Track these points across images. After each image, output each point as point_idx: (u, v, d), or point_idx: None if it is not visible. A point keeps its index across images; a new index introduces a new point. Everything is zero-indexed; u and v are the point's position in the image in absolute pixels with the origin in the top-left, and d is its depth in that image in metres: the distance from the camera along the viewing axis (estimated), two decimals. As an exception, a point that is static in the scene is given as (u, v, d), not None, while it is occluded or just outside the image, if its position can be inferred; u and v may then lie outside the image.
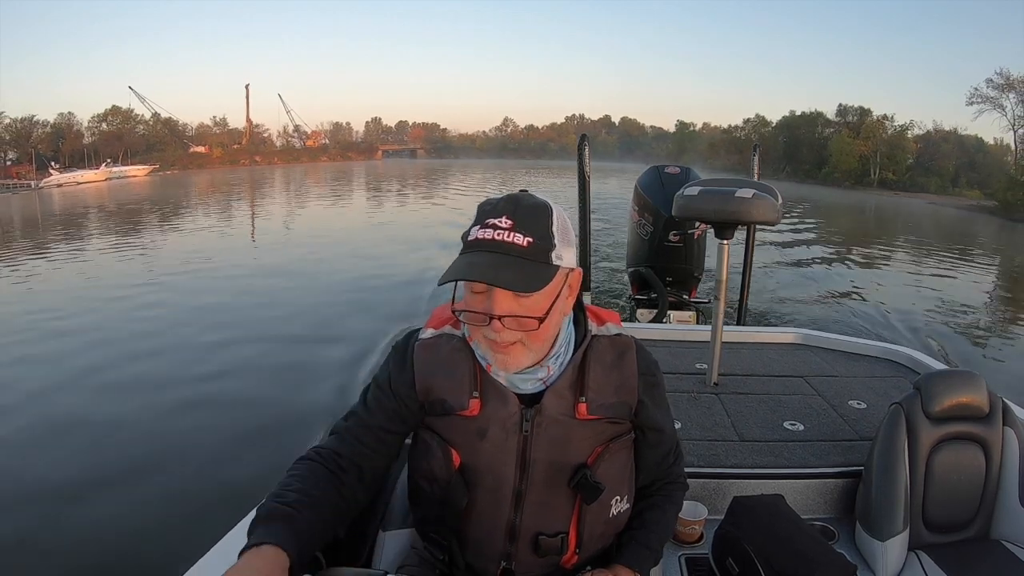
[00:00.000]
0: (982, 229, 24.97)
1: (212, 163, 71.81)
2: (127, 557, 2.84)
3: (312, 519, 0.86)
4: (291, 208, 23.85)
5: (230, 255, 11.72)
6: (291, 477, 0.91)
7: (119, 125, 66.45)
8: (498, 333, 0.86)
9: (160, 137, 70.17)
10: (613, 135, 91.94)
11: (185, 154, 70.82)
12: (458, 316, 0.91)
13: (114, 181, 48.53)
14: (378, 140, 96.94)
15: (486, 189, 29.17)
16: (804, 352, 2.61)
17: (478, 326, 0.88)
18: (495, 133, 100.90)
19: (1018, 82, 40.38)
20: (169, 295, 8.30)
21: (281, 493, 0.87)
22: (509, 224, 0.85)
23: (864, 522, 1.48)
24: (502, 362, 0.90)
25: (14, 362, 5.66)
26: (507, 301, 0.86)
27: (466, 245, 0.88)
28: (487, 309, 0.86)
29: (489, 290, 0.86)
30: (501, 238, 0.85)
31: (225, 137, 79.39)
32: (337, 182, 40.52)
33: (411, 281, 8.52)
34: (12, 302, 8.23)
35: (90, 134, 64.58)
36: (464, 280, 0.86)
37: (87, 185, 44.75)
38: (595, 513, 0.97)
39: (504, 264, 0.84)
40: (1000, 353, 6.67)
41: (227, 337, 6.22)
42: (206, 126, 78.95)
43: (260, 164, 75.99)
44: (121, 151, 60.78)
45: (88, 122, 65.29)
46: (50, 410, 4.50)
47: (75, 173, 50.14)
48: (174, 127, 73.69)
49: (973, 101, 42.46)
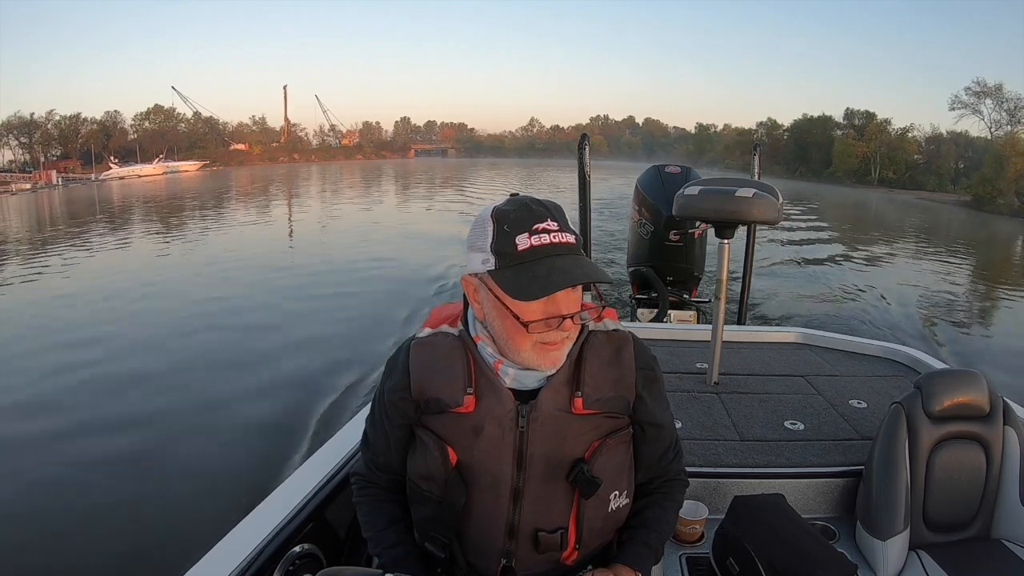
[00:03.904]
0: (942, 218, 28.34)
1: (252, 160, 74.86)
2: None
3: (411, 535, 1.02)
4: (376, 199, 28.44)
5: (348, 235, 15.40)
6: (369, 516, 1.04)
7: (161, 123, 69.77)
8: (568, 331, 0.90)
9: (201, 135, 73.20)
10: (637, 136, 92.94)
11: (226, 151, 73.75)
12: (527, 328, 0.89)
13: (169, 175, 52.27)
14: (408, 139, 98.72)
15: (527, 184, 33.91)
16: (805, 351, 2.61)
17: (544, 331, 0.89)
18: (521, 133, 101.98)
19: (993, 90, 44.78)
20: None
21: (381, 537, 1.01)
22: (556, 226, 0.88)
23: (865, 521, 1.48)
24: (553, 359, 0.91)
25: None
26: (569, 297, 0.88)
27: (519, 255, 0.86)
28: (560, 310, 0.88)
29: (560, 292, 0.87)
30: (559, 240, 0.87)
31: (263, 135, 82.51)
32: (403, 179, 44.19)
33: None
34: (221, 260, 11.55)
35: (133, 131, 68.11)
36: (573, 286, 0.87)
37: (147, 178, 48.45)
38: (594, 508, 0.97)
39: (579, 264, 0.87)
40: (1001, 352, 6.68)
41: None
42: (245, 124, 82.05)
43: (298, 161, 78.94)
44: (164, 148, 63.72)
45: (132, 120, 68.87)
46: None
47: (134, 167, 54.12)
48: (214, 125, 76.57)
49: (955, 107, 46.55)
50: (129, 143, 65.52)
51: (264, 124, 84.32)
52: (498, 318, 0.91)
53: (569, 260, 0.86)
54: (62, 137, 61.87)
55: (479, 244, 0.89)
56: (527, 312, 0.87)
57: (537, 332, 0.88)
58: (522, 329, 0.88)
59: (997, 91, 44.66)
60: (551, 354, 0.91)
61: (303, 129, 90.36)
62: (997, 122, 44.94)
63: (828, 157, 53.60)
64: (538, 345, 0.90)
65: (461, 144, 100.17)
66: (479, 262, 0.89)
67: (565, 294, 0.88)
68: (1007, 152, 35.00)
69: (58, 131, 61.94)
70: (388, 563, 0.97)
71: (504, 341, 0.92)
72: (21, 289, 9.63)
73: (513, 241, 0.86)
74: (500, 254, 0.87)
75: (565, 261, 0.86)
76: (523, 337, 0.89)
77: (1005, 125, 43.88)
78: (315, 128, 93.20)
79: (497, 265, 0.87)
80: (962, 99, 45.84)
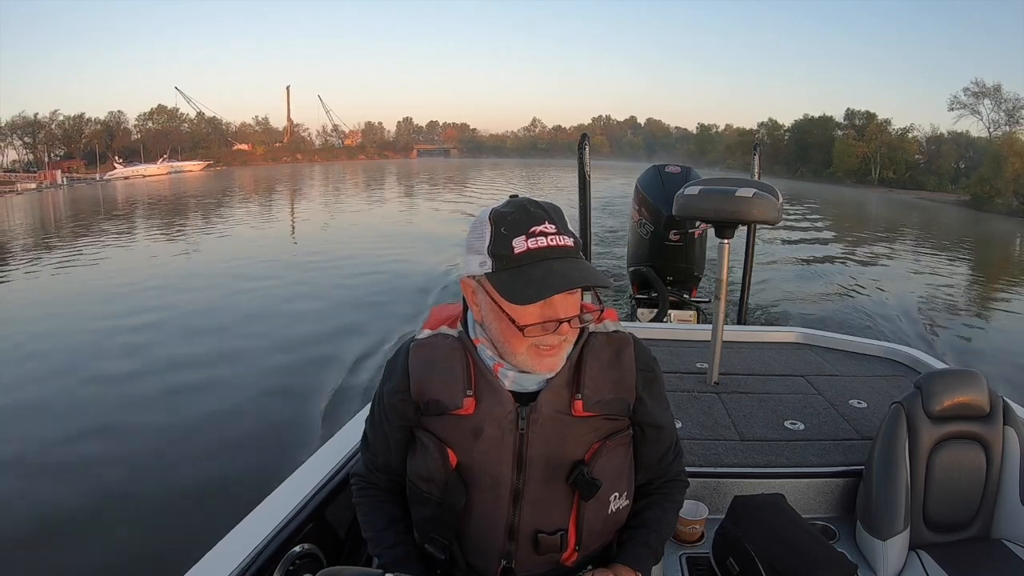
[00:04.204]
0: (937, 217, 28.95)
1: (255, 160, 75.23)
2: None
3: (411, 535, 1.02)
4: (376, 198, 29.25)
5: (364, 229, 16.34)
6: (369, 516, 1.04)
7: (165, 123, 70.20)
8: (565, 335, 0.89)
9: (204, 135, 73.72)
10: (639, 136, 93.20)
11: (229, 151, 74.23)
12: (523, 332, 0.88)
13: (174, 175, 52.95)
14: (411, 139, 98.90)
15: (528, 183, 34.26)
16: (805, 351, 2.61)
17: (544, 334, 0.88)
18: (523, 133, 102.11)
19: (991, 90, 45.64)
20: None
21: (380, 537, 1.01)
22: (554, 228, 0.87)
23: (865, 521, 1.48)
24: (550, 364, 0.91)
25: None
26: (566, 301, 0.88)
27: (516, 258, 0.86)
28: (557, 314, 0.87)
29: (557, 296, 0.86)
30: (556, 243, 0.86)
31: (266, 135, 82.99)
32: (405, 178, 45.18)
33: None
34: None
35: (137, 132, 68.67)
36: (569, 290, 0.86)
37: (152, 178, 49.11)
38: (594, 510, 0.97)
39: (577, 267, 0.86)
40: (1000, 351, 6.68)
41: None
42: (248, 125, 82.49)
43: (301, 161, 79.40)
44: (168, 148, 64.22)
45: (135, 120, 69.30)
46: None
47: (139, 167, 54.79)
48: (217, 125, 77.01)
49: (953, 107, 47.33)
50: (132, 143, 66.01)
51: (267, 124, 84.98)
52: (495, 321, 0.90)
53: (567, 264, 0.86)
54: (65, 137, 62.41)
55: (477, 246, 0.89)
56: (523, 316, 0.87)
57: (533, 336, 0.88)
58: (518, 332, 0.87)
59: (995, 92, 45.37)
60: (547, 359, 0.90)
61: (306, 129, 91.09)
62: (995, 122, 45.67)
63: (828, 157, 53.91)
64: (534, 348, 0.89)
65: (463, 144, 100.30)
66: (476, 264, 0.89)
67: (562, 298, 0.87)
68: (1004, 152, 35.41)
69: (62, 131, 62.48)
70: (388, 563, 0.97)
71: (501, 344, 0.91)
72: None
73: (510, 244, 0.85)
74: (497, 257, 0.86)
75: (562, 264, 0.85)
76: (519, 340, 0.88)
77: (1003, 125, 44.54)
78: (318, 128, 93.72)
79: (494, 268, 0.87)
80: (961, 100, 46.55)
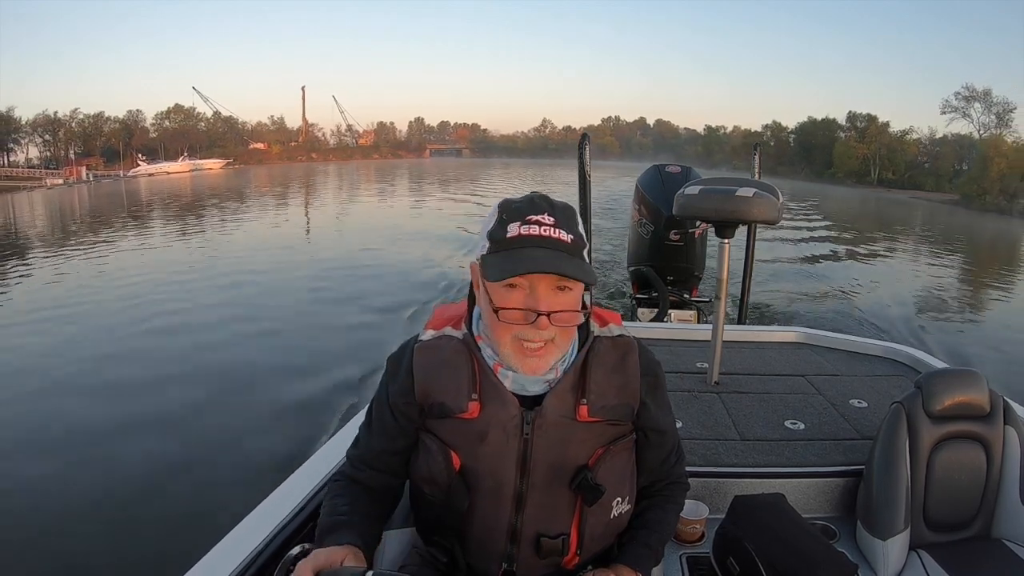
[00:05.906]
0: (926, 214, 30.25)
1: (271, 159, 76.36)
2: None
3: (362, 517, 0.97)
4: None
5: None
6: (332, 501, 1.00)
7: (182, 122, 71.58)
8: (542, 331, 0.87)
9: (220, 134, 75.09)
10: (648, 137, 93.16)
11: (245, 150, 75.39)
12: (496, 315, 0.88)
13: (195, 172, 54.56)
14: (423, 139, 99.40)
15: (535, 183, 35.43)
16: (805, 351, 2.61)
17: (521, 325, 0.87)
18: (534, 134, 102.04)
19: (981, 94, 47.21)
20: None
21: (333, 508, 0.97)
22: (552, 221, 0.87)
23: (865, 521, 1.48)
24: (532, 366, 0.90)
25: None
26: (552, 297, 0.86)
27: (507, 241, 0.87)
28: (538, 306, 0.85)
29: (533, 287, 0.86)
30: (548, 234, 0.86)
31: (281, 135, 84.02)
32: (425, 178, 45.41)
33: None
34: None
35: (154, 130, 70.13)
36: (535, 273, 0.84)
37: (175, 175, 50.52)
38: (596, 515, 0.97)
39: (559, 259, 0.85)
40: (1001, 350, 6.68)
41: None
42: (263, 124, 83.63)
43: (316, 160, 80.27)
44: (185, 146, 65.80)
45: (152, 119, 70.71)
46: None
47: (162, 165, 56.68)
48: (233, 124, 78.30)
49: (945, 111, 48.98)
50: (150, 141, 67.22)
51: (282, 124, 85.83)
52: (482, 303, 0.91)
53: (553, 254, 0.85)
54: (84, 135, 63.78)
55: (483, 231, 0.91)
56: (502, 298, 0.87)
57: (509, 322, 0.87)
58: (498, 318, 0.88)
59: (985, 96, 46.53)
60: (530, 359, 0.89)
61: (320, 129, 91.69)
62: (986, 125, 46.69)
63: (830, 158, 54.51)
64: (518, 343, 0.88)
65: (475, 144, 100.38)
66: (480, 248, 0.91)
67: (547, 292, 0.86)
68: (991, 153, 36.32)
69: (81, 129, 63.86)
70: (323, 531, 0.93)
71: (489, 334, 0.92)
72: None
73: (506, 228, 0.87)
74: (493, 240, 0.88)
75: (547, 253, 0.85)
76: (502, 329, 0.88)
77: (993, 128, 45.53)
78: (332, 128, 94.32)
79: (488, 250, 0.88)
80: (952, 103, 47.85)
